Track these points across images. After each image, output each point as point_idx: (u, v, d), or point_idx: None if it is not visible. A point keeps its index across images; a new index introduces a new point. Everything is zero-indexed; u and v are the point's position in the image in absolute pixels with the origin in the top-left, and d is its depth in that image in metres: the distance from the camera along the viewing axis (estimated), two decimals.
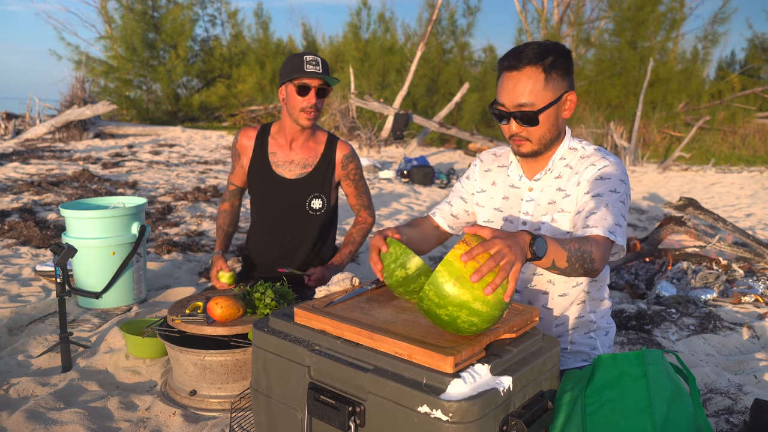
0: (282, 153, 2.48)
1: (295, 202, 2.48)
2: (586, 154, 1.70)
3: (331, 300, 1.55)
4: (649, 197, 7.78)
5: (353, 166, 2.54)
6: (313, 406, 1.33)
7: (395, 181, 8.42)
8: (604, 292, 1.81)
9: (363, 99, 11.42)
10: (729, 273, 3.68)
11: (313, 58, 2.29)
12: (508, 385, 1.22)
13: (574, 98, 1.65)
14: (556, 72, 1.59)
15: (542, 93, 1.59)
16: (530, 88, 1.58)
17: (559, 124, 1.67)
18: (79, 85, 12.25)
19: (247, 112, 16.15)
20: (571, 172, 1.69)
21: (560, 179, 1.71)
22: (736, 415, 2.10)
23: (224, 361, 2.07)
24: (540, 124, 1.62)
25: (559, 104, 1.63)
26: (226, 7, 19.43)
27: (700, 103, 14.12)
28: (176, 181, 7.32)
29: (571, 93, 1.65)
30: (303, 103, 2.30)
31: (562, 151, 1.72)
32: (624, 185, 1.63)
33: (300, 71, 2.26)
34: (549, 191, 1.72)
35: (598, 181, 1.62)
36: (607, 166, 1.64)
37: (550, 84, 1.59)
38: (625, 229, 1.60)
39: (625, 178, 1.65)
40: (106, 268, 3.02)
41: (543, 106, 1.59)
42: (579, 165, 1.69)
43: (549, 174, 1.73)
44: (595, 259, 1.46)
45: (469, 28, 15.86)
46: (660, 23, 14.62)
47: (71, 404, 2.14)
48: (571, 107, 1.66)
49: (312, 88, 2.28)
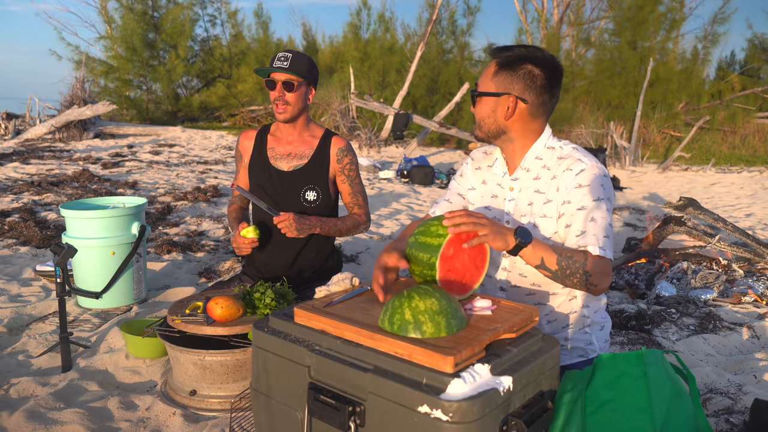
0: (280, 147, 2.54)
1: (290, 193, 2.51)
2: (563, 155, 1.72)
3: (331, 300, 1.55)
4: (649, 197, 7.78)
5: (348, 160, 2.56)
6: (313, 406, 1.33)
7: (395, 181, 8.42)
8: None
9: (363, 99, 11.42)
10: (729, 273, 3.68)
11: (284, 54, 2.42)
12: (508, 385, 1.22)
13: (512, 103, 1.69)
14: (509, 73, 1.68)
15: (489, 82, 1.72)
16: (484, 74, 1.75)
17: (498, 120, 1.73)
18: (79, 85, 12.24)
19: (247, 112, 16.15)
20: (549, 174, 1.71)
21: (538, 180, 1.73)
22: (736, 415, 2.10)
23: (224, 361, 2.07)
24: (477, 107, 1.75)
25: (498, 100, 1.70)
26: (226, 7, 19.40)
27: (700, 103, 14.13)
28: (176, 181, 7.32)
29: (511, 97, 1.68)
30: (272, 96, 2.44)
31: (538, 150, 1.75)
32: (604, 189, 1.65)
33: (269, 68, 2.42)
34: (527, 192, 1.74)
35: (579, 190, 1.64)
36: (584, 170, 1.66)
37: (496, 78, 1.70)
38: (612, 237, 1.64)
39: (604, 180, 1.67)
40: (106, 268, 3.02)
41: (480, 91, 1.74)
42: (556, 167, 1.71)
43: (526, 174, 1.76)
44: (591, 272, 1.53)
45: (469, 28, 15.86)
46: (660, 23, 14.63)
47: (71, 404, 2.14)
48: (510, 113, 1.70)
49: (278, 82, 2.41)
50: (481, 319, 1.43)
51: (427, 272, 1.49)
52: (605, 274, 1.55)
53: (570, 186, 1.65)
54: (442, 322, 1.31)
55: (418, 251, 1.51)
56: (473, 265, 1.54)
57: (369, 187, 7.61)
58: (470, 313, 1.47)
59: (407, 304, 1.33)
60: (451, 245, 1.48)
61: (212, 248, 4.35)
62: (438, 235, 1.48)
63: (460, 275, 1.51)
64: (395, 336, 1.30)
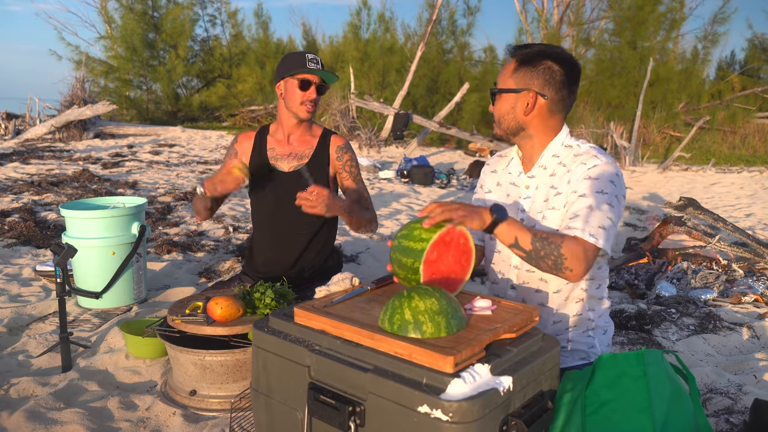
0: (280, 147, 2.53)
1: (292, 193, 2.49)
2: (580, 152, 1.72)
3: (331, 300, 1.55)
4: (649, 197, 7.78)
5: (348, 157, 2.55)
6: (313, 406, 1.33)
7: (395, 181, 8.42)
8: (603, 291, 1.82)
9: (363, 99, 11.42)
10: (729, 273, 3.68)
11: (314, 56, 2.42)
12: (508, 385, 1.22)
13: (532, 98, 1.70)
14: (529, 69, 1.70)
15: (508, 79, 1.73)
16: (503, 72, 1.76)
17: (517, 116, 1.73)
18: (79, 85, 12.23)
19: (247, 112, 16.14)
20: (564, 170, 1.71)
21: (554, 177, 1.73)
22: (736, 415, 2.10)
23: (224, 361, 2.07)
24: (497, 105, 1.76)
25: (517, 96, 1.71)
26: (226, 7, 19.39)
27: (700, 103, 14.12)
28: (176, 181, 7.32)
29: (531, 92, 1.70)
30: (303, 97, 2.40)
31: (555, 148, 1.75)
32: (613, 186, 1.63)
33: (303, 67, 2.38)
34: (543, 189, 1.74)
35: (587, 181, 1.64)
36: (597, 165, 1.65)
37: (516, 75, 1.71)
38: (613, 233, 1.61)
39: (615, 178, 1.65)
40: (106, 268, 3.02)
41: (500, 88, 1.75)
42: (571, 163, 1.71)
43: (543, 171, 1.76)
44: (566, 256, 1.51)
45: (469, 28, 15.86)
46: (660, 23, 14.62)
47: (71, 404, 2.14)
48: (530, 108, 1.71)
49: (313, 83, 2.40)
50: (481, 319, 1.43)
51: (411, 276, 1.50)
52: (582, 259, 1.52)
53: (580, 178, 1.65)
54: (442, 322, 1.31)
55: (402, 255, 1.50)
56: (458, 265, 1.54)
57: (369, 187, 7.61)
58: (470, 313, 1.47)
59: (407, 304, 1.33)
60: (434, 248, 1.48)
61: (212, 248, 4.35)
62: (421, 240, 1.48)
63: (445, 276, 1.52)
64: (395, 336, 1.30)
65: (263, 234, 2.58)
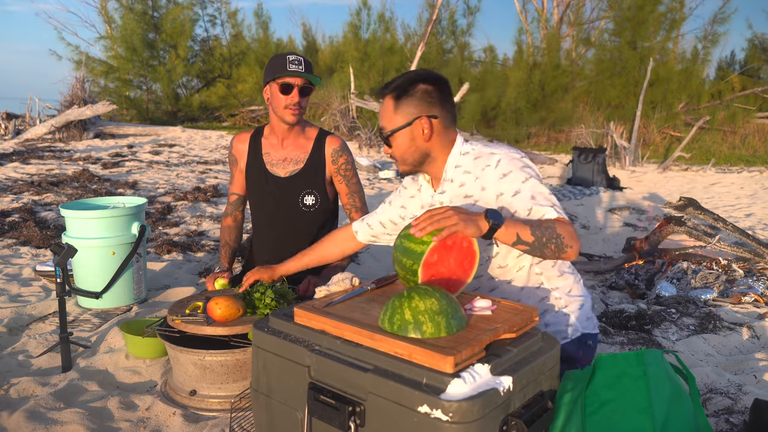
0: (275, 152, 2.52)
1: (289, 199, 2.49)
2: (477, 155, 1.76)
3: (331, 300, 1.55)
4: (649, 197, 7.77)
5: (343, 160, 2.54)
6: (313, 406, 1.33)
7: (395, 181, 8.42)
8: (562, 267, 1.82)
9: (363, 99, 11.42)
10: (729, 273, 3.68)
11: (296, 57, 2.35)
12: (508, 385, 1.22)
13: (426, 123, 1.73)
14: (409, 99, 1.72)
15: (394, 117, 1.75)
16: (384, 114, 1.77)
17: (419, 146, 1.76)
18: (79, 85, 12.25)
19: (247, 112, 16.16)
20: (472, 177, 1.75)
21: (464, 187, 1.76)
22: (736, 415, 2.10)
23: (224, 361, 2.07)
24: (394, 145, 1.78)
25: (411, 128, 1.74)
26: (226, 7, 19.42)
27: (700, 103, 14.13)
28: (176, 181, 7.32)
29: (423, 118, 1.72)
30: (287, 101, 2.36)
31: (454, 160, 1.79)
32: (527, 168, 1.69)
33: (283, 70, 2.32)
34: (457, 201, 1.78)
35: (505, 179, 1.68)
36: (500, 160, 1.70)
37: (399, 110, 1.74)
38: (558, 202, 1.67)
39: (523, 161, 1.71)
40: (106, 268, 3.02)
41: (392, 129, 1.75)
42: (475, 168, 1.74)
43: (451, 185, 1.79)
44: (563, 235, 1.53)
45: (469, 28, 15.89)
46: (660, 23, 14.63)
47: (71, 404, 2.13)
48: (429, 133, 1.74)
49: (295, 86, 2.34)
50: (481, 319, 1.43)
51: (410, 277, 1.50)
52: (575, 235, 1.56)
53: (495, 179, 1.69)
54: (442, 322, 1.31)
55: (402, 256, 1.51)
56: (460, 268, 1.54)
57: (369, 187, 7.61)
58: (470, 313, 1.47)
59: (407, 304, 1.33)
60: (435, 252, 1.47)
61: (212, 248, 4.35)
62: (422, 242, 1.47)
63: (445, 279, 1.51)
64: (395, 336, 1.30)
65: (263, 235, 2.58)
